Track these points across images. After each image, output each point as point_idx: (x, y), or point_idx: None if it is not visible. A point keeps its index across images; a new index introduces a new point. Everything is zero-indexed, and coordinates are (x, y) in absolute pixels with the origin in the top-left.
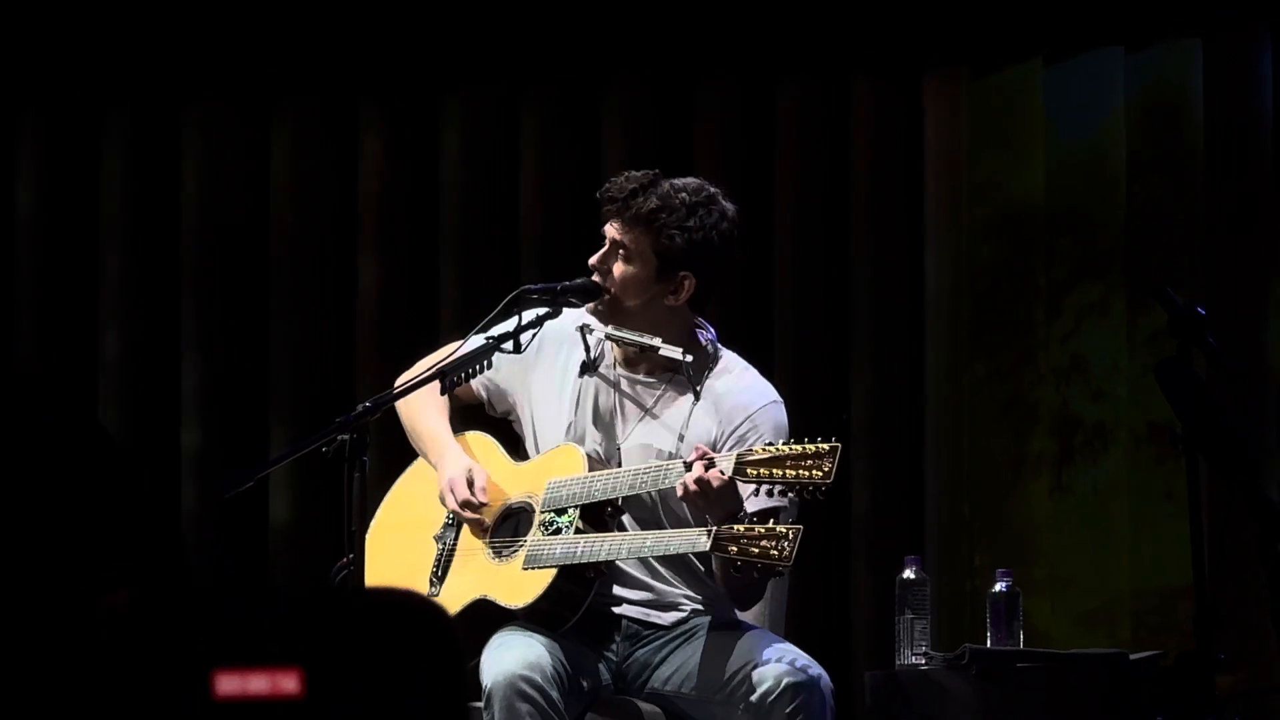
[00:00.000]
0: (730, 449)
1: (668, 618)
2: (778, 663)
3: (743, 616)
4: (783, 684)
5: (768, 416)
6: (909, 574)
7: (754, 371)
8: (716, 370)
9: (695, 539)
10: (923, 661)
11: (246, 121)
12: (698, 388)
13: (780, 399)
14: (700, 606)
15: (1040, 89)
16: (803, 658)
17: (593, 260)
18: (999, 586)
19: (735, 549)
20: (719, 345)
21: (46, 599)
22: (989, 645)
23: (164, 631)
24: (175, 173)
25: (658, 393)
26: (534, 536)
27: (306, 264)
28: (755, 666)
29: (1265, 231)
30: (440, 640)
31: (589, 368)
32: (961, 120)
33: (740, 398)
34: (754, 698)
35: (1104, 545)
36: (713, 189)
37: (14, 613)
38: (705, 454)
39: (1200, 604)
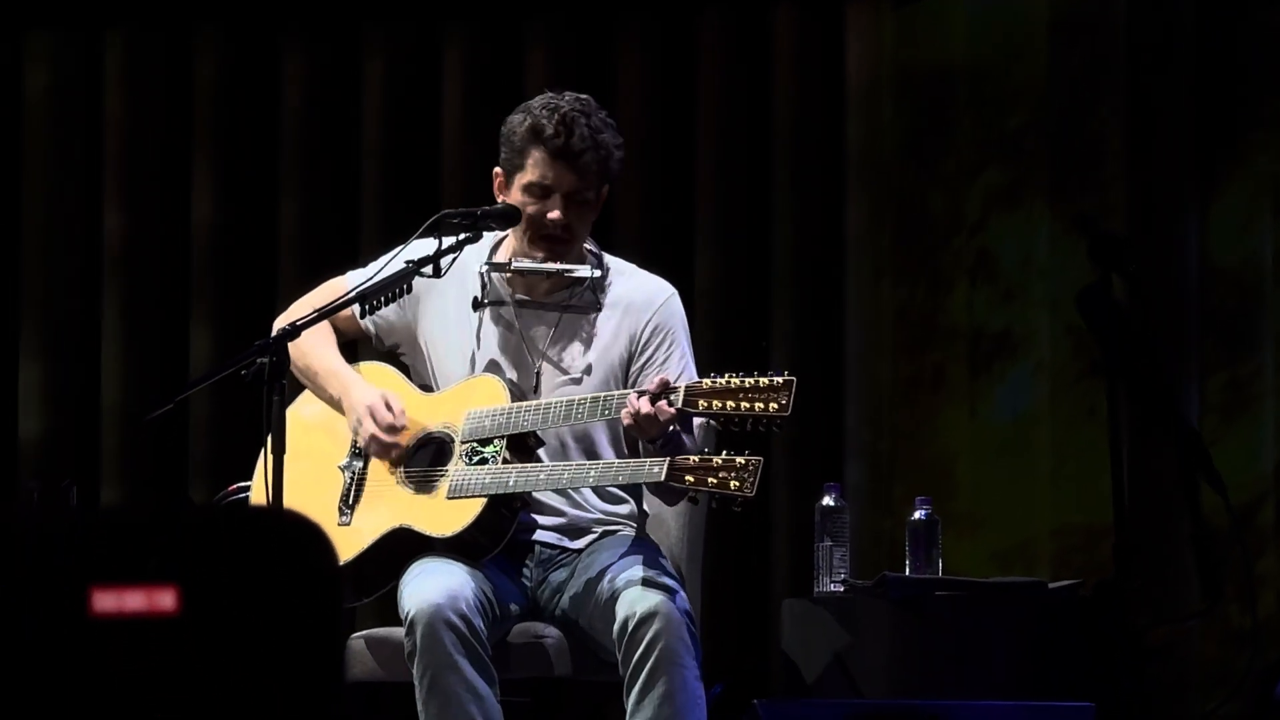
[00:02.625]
0: (644, 345)
1: (580, 542)
2: (629, 591)
3: (654, 535)
4: (636, 613)
5: (672, 308)
6: (828, 501)
7: (643, 271)
8: (611, 277)
9: (649, 470)
10: (841, 589)
11: (169, 47)
12: (601, 297)
13: (675, 290)
14: (613, 526)
15: (964, 18)
16: (658, 580)
17: (554, 216)
18: (918, 514)
19: (692, 479)
20: (601, 252)
21: None
22: (908, 573)
23: (41, 548)
24: (98, 94)
25: (560, 315)
26: (457, 466)
27: (230, 190)
28: (614, 596)
29: (1184, 141)
30: (317, 558)
31: (479, 304)
32: (883, 50)
33: (639, 296)
34: (615, 628)
35: (1023, 475)
36: (591, 99)
37: None
38: (662, 385)
39: (1120, 533)
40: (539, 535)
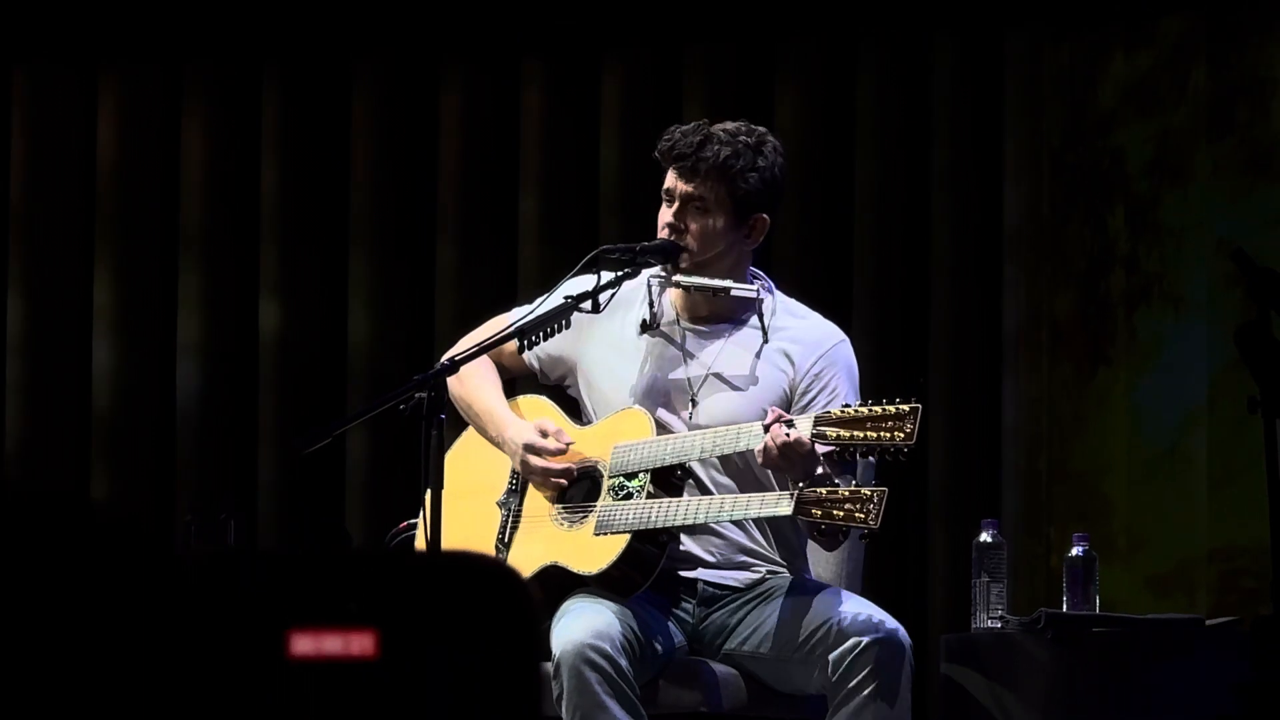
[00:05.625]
0: (807, 389)
1: (741, 577)
2: (857, 619)
3: (819, 576)
4: (864, 641)
5: (840, 355)
6: (986, 537)
7: (816, 313)
8: (779, 312)
9: (776, 503)
10: (999, 625)
11: (326, 81)
12: (769, 331)
13: (847, 337)
14: (776, 567)
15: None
16: (880, 614)
17: (667, 218)
18: (1076, 550)
19: (819, 512)
20: (773, 288)
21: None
22: (1065, 609)
23: (239, 591)
24: (256, 126)
25: (725, 340)
26: (604, 502)
27: (387, 229)
28: (835, 623)
29: None
30: (515, 603)
31: (648, 326)
32: (1043, 83)
33: (810, 336)
34: (834, 655)
35: (1182, 498)
36: (757, 127)
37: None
38: (781, 416)
39: (1278, 568)
40: (702, 574)
